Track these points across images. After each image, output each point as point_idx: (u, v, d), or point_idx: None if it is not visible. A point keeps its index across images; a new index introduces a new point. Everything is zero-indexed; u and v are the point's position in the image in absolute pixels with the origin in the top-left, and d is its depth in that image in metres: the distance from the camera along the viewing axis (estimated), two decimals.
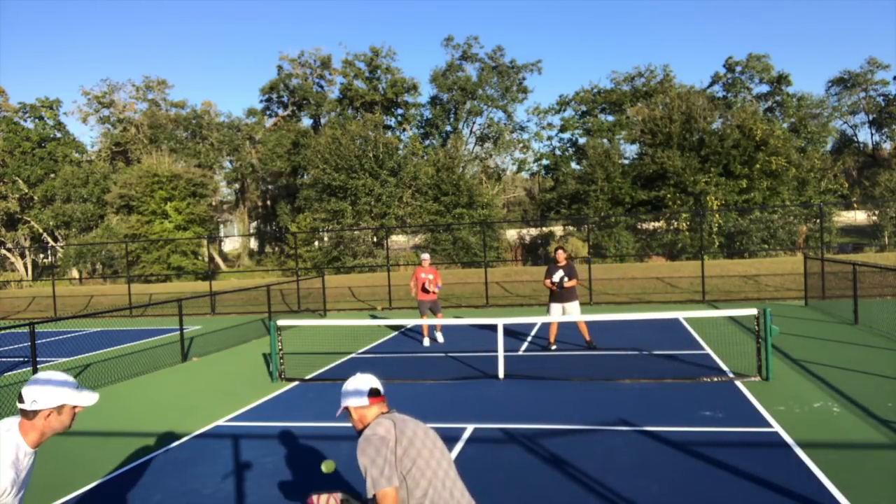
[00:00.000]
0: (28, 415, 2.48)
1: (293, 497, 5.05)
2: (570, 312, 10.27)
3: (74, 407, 2.55)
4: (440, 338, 12.17)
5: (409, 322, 11.92)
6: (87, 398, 2.58)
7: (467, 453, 5.78)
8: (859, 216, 40.42)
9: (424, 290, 11.81)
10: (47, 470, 5.99)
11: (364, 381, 2.81)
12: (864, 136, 66.85)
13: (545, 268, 12.03)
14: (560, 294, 10.33)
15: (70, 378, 2.59)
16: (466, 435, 6.31)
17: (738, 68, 44.40)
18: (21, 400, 2.49)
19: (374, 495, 2.54)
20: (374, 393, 2.76)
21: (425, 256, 12.29)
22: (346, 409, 2.82)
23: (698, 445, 5.69)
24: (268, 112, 49.29)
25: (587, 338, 10.58)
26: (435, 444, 2.75)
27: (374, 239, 33.89)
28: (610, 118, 42.41)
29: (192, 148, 45.01)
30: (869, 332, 10.90)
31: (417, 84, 44.39)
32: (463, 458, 5.65)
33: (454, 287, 20.90)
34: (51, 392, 2.48)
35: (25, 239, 44.30)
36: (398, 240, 39.56)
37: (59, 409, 2.50)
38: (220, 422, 7.33)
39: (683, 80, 42.69)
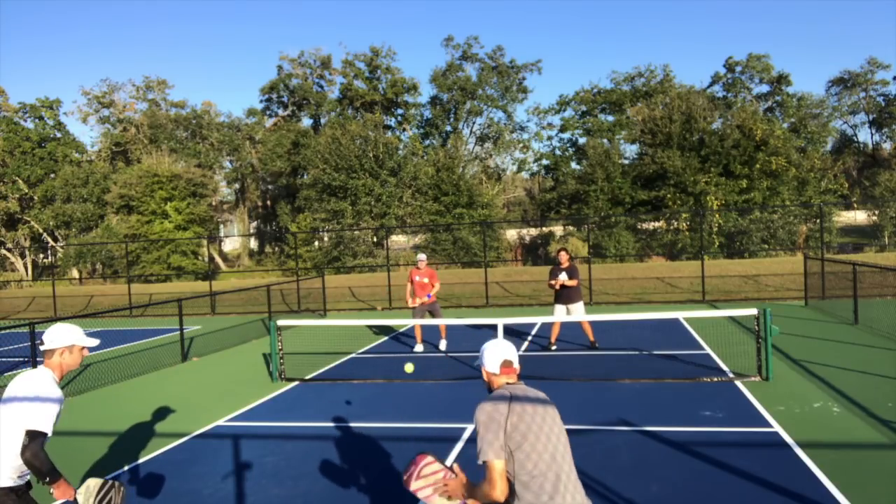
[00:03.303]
0: (48, 354, 3.22)
1: (293, 497, 5.05)
2: (573, 313, 10.27)
3: (82, 348, 3.30)
4: (443, 345, 11.37)
5: (409, 322, 11.91)
6: (91, 341, 3.34)
7: (467, 453, 5.77)
8: (859, 216, 40.43)
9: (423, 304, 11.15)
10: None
11: (501, 350, 2.88)
12: (864, 136, 66.85)
13: (546, 268, 12.00)
14: (564, 295, 10.33)
15: (77, 327, 3.33)
16: (466, 435, 6.31)
17: (738, 68, 44.40)
18: (42, 343, 3.25)
19: (483, 462, 2.60)
20: (506, 364, 2.85)
21: (421, 258, 11.53)
22: (481, 367, 2.94)
23: (698, 445, 5.69)
24: (268, 112, 49.30)
25: (591, 338, 10.58)
26: (553, 424, 2.72)
27: (374, 239, 33.88)
28: (610, 118, 42.39)
29: (192, 148, 45.00)
30: (869, 332, 10.90)
31: (417, 84, 44.40)
32: (463, 458, 5.64)
33: (454, 287, 20.90)
34: (63, 335, 3.24)
35: (25, 239, 44.27)
36: (398, 240, 39.55)
37: (70, 348, 3.26)
38: (220, 422, 7.33)
39: (683, 80, 42.73)
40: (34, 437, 2.95)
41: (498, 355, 2.86)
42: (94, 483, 3.19)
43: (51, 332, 3.27)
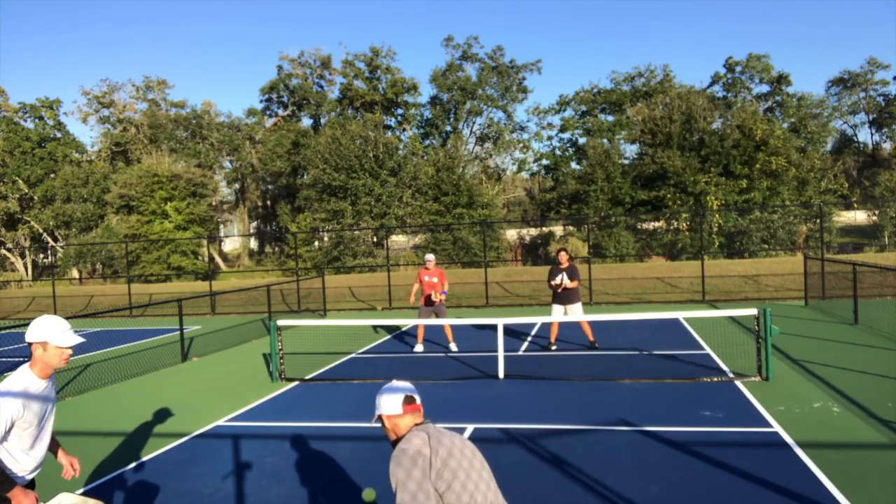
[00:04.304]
0: (31, 347, 3.06)
1: (293, 497, 5.05)
2: (571, 313, 10.26)
3: (58, 346, 3.04)
4: (454, 346, 11.19)
5: (410, 322, 11.90)
6: (66, 340, 3.05)
7: None
8: (859, 216, 40.43)
9: (429, 302, 11.07)
10: (47, 470, 5.98)
11: (398, 387, 2.63)
12: (864, 136, 66.88)
13: (546, 268, 11.99)
14: (563, 295, 10.32)
15: (60, 322, 3.08)
16: (466, 435, 6.31)
17: (738, 68, 44.41)
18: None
19: None
20: (408, 401, 2.57)
21: (430, 258, 11.41)
22: (380, 417, 2.63)
23: (698, 445, 5.69)
24: (268, 112, 49.30)
25: (591, 338, 10.58)
26: (474, 456, 2.55)
27: (374, 239, 33.89)
28: (610, 118, 42.40)
29: (192, 148, 45.01)
30: (869, 332, 10.90)
31: (417, 84, 44.42)
32: None
33: (454, 287, 20.90)
34: (37, 330, 3.04)
35: (25, 239, 44.27)
36: (398, 240, 39.56)
37: (43, 345, 3.03)
38: (220, 422, 7.33)
39: (683, 80, 42.75)
40: None
41: (397, 393, 2.58)
42: (67, 499, 2.96)
43: (32, 323, 3.09)
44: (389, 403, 2.57)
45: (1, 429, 2.89)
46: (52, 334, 3.04)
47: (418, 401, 2.61)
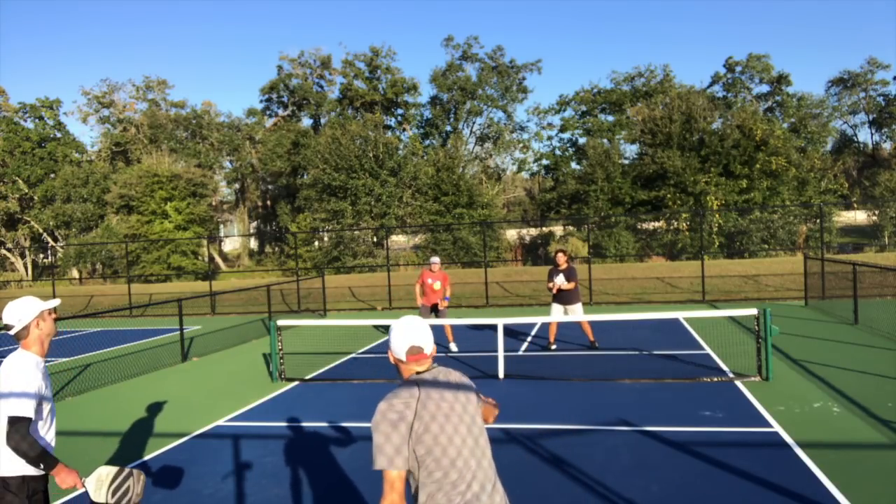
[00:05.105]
0: (21, 334, 3.09)
1: (293, 497, 5.05)
2: (571, 313, 10.26)
3: (50, 312, 3.20)
4: (454, 346, 11.17)
5: None
6: (51, 302, 3.23)
7: None
8: (859, 216, 40.44)
9: (433, 308, 10.98)
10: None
11: (408, 334, 2.46)
12: (864, 136, 66.92)
13: (546, 268, 11.97)
14: (562, 295, 10.32)
15: (33, 297, 3.19)
16: None
17: (738, 68, 44.42)
18: (8, 327, 3.09)
19: (381, 471, 2.28)
20: (413, 351, 2.44)
21: (435, 260, 11.32)
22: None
23: (698, 445, 5.69)
24: (268, 112, 49.30)
25: (591, 338, 10.57)
26: (464, 412, 2.44)
27: (374, 239, 33.89)
28: (610, 118, 42.40)
29: (192, 148, 45.01)
30: (869, 332, 10.90)
31: (417, 84, 44.42)
32: None
33: (454, 287, 20.89)
34: (28, 308, 3.10)
35: (25, 239, 44.27)
36: (398, 240, 39.56)
37: (41, 316, 3.14)
38: (220, 422, 7.33)
39: (683, 80, 42.75)
40: (14, 423, 2.87)
41: (404, 340, 2.43)
42: (106, 471, 3.03)
43: (12, 312, 3.09)
44: (397, 345, 2.47)
45: (34, 402, 2.94)
46: (40, 304, 3.15)
47: (427, 350, 2.47)
